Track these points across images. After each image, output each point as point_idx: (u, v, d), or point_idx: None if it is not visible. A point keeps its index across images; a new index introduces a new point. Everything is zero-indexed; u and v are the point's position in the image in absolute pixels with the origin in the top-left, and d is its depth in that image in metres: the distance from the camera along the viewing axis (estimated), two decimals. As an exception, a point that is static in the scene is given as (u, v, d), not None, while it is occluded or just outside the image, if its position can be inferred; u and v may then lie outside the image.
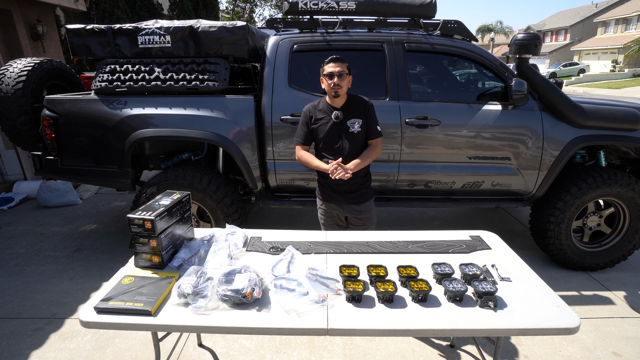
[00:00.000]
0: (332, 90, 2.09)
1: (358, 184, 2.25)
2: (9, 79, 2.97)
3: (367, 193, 2.30)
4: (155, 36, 2.78)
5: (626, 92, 18.62)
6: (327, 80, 2.10)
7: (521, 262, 1.75)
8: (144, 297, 1.43)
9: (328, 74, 2.09)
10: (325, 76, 2.11)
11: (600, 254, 3.03)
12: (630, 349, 2.23)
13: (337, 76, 2.06)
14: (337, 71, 2.06)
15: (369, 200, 2.32)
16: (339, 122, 2.15)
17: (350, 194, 2.25)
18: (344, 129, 2.15)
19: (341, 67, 2.08)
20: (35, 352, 2.20)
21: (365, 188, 2.29)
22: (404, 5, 2.74)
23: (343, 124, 2.15)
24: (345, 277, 1.53)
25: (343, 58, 2.12)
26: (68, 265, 3.17)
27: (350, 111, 2.16)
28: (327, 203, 2.33)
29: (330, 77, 2.08)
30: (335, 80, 2.07)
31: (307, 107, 2.27)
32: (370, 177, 2.34)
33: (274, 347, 2.23)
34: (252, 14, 18.87)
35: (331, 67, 2.08)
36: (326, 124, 2.18)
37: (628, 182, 2.81)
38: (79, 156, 2.91)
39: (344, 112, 2.15)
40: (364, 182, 2.28)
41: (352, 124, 2.15)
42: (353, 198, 2.26)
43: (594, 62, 33.08)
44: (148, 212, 1.61)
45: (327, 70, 2.09)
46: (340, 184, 2.20)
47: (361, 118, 2.16)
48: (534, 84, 2.77)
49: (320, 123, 2.19)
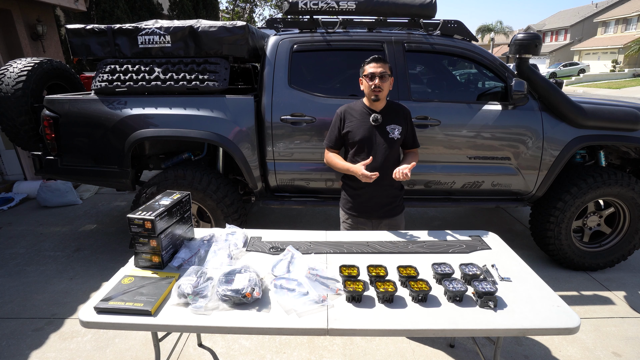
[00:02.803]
0: (373, 93, 1.95)
1: (393, 195, 2.08)
2: (9, 79, 2.97)
3: (400, 206, 2.15)
4: (155, 36, 2.78)
5: (626, 92, 18.62)
6: (368, 81, 1.95)
7: (521, 262, 1.75)
8: (144, 297, 1.43)
9: (369, 75, 1.94)
10: (365, 77, 1.96)
11: (600, 254, 3.03)
12: (630, 349, 2.23)
13: (379, 77, 1.92)
14: (379, 72, 1.92)
15: (401, 214, 2.17)
16: (377, 126, 2.00)
17: (384, 207, 2.08)
18: (384, 134, 2.00)
19: (383, 68, 1.93)
20: (35, 352, 2.20)
21: (400, 200, 2.14)
22: (404, 5, 2.74)
23: (382, 128, 2.00)
24: (345, 277, 1.53)
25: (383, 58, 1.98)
26: (68, 265, 3.17)
27: (390, 116, 2.02)
28: (354, 217, 2.14)
29: (371, 78, 1.94)
30: (376, 82, 1.93)
31: (342, 108, 2.11)
32: (404, 190, 2.19)
33: (274, 347, 2.23)
34: (252, 14, 18.87)
35: (373, 68, 1.93)
36: (363, 126, 2.01)
37: (628, 182, 2.81)
38: (79, 156, 2.91)
39: (383, 116, 2.00)
40: (400, 193, 2.13)
41: (393, 129, 2.00)
42: (387, 211, 2.10)
43: (594, 62, 33.08)
44: (148, 212, 1.61)
45: (368, 71, 1.94)
46: (375, 195, 2.03)
47: (402, 125, 2.02)
48: (534, 84, 2.77)
49: (355, 124, 2.03)
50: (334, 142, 2.11)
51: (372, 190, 1.95)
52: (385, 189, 2.00)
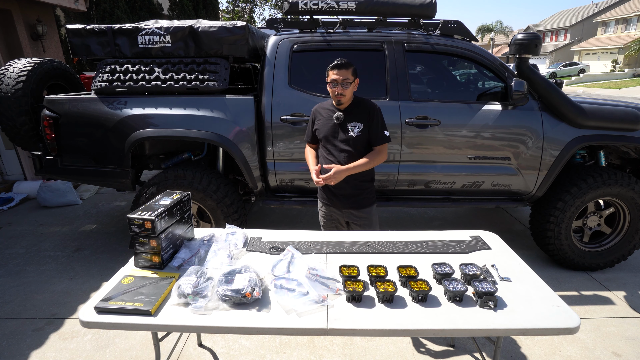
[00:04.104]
0: (336, 98, 2.06)
1: (359, 187, 2.17)
2: (9, 79, 2.97)
3: (367, 198, 2.22)
4: (155, 36, 2.78)
5: (626, 92, 18.61)
6: (331, 87, 2.04)
7: (521, 262, 1.75)
8: (144, 297, 1.43)
9: (331, 81, 2.02)
10: (329, 82, 2.04)
11: (600, 254, 3.03)
12: (630, 349, 2.23)
13: (341, 84, 1.99)
14: (340, 79, 1.98)
15: (370, 207, 2.23)
16: (339, 124, 2.11)
17: (349, 199, 2.18)
18: (344, 131, 2.10)
19: (345, 75, 1.98)
20: (35, 352, 2.20)
21: (367, 193, 2.21)
22: (404, 5, 2.74)
23: (344, 125, 2.10)
24: (345, 277, 1.53)
25: (349, 61, 2.03)
26: (68, 265, 3.17)
27: (353, 114, 2.10)
28: (327, 206, 2.29)
29: (333, 85, 2.01)
30: (338, 90, 2.01)
31: (314, 107, 2.26)
32: (373, 183, 2.25)
33: (274, 347, 2.23)
34: (252, 14, 18.86)
35: (335, 75, 1.99)
36: (327, 124, 2.14)
37: (628, 182, 2.81)
38: (79, 156, 2.91)
39: (346, 114, 2.10)
40: (365, 186, 2.20)
41: (353, 127, 2.09)
42: (352, 202, 2.19)
43: (594, 62, 33.08)
44: (148, 212, 1.60)
45: (331, 77, 2.02)
46: (339, 187, 2.15)
47: (363, 122, 2.09)
48: (534, 84, 2.77)
49: (321, 122, 2.17)
50: (311, 138, 2.28)
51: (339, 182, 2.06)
52: (349, 181, 2.10)
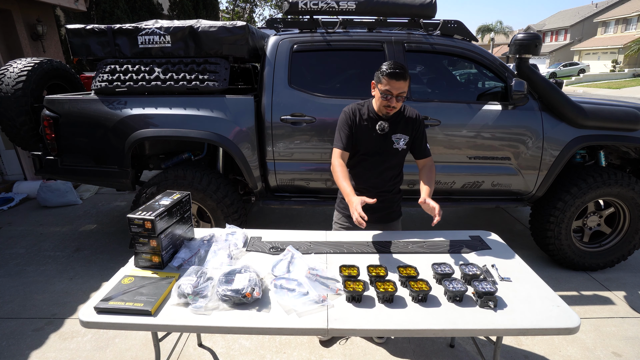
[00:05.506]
0: (385, 110, 1.82)
1: (390, 200, 2.03)
2: (9, 79, 2.97)
3: (397, 211, 2.10)
4: (155, 36, 2.78)
5: (626, 92, 18.62)
6: (382, 97, 1.77)
7: (521, 262, 1.75)
8: (144, 297, 1.43)
9: (384, 92, 1.75)
10: (381, 91, 1.77)
11: (600, 254, 3.03)
12: (630, 349, 2.23)
13: (395, 98, 1.75)
14: (397, 93, 1.74)
15: (397, 220, 2.11)
16: (383, 135, 1.89)
17: (380, 212, 2.00)
18: (388, 144, 1.90)
19: (402, 87, 1.73)
20: (35, 352, 2.20)
21: (397, 206, 2.08)
22: (404, 5, 2.74)
23: (387, 137, 1.90)
24: (345, 277, 1.53)
25: (406, 69, 1.75)
26: (68, 265, 3.17)
27: (398, 125, 1.90)
28: (348, 217, 2.05)
29: (385, 96, 1.76)
30: (392, 102, 1.77)
31: (351, 107, 1.94)
32: (402, 194, 2.10)
33: (274, 347, 2.23)
34: (252, 14, 18.87)
35: (390, 86, 1.72)
36: (369, 133, 1.90)
37: (628, 182, 2.81)
38: (79, 156, 2.91)
39: (390, 124, 1.88)
40: (395, 199, 2.06)
41: (398, 139, 1.89)
42: (382, 217, 2.03)
43: (594, 62, 33.08)
44: (148, 212, 1.60)
45: (384, 88, 1.74)
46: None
47: (408, 135, 1.91)
48: (534, 84, 2.77)
49: (362, 132, 1.90)
50: (346, 143, 1.91)
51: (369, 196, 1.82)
52: (381, 194, 1.95)
